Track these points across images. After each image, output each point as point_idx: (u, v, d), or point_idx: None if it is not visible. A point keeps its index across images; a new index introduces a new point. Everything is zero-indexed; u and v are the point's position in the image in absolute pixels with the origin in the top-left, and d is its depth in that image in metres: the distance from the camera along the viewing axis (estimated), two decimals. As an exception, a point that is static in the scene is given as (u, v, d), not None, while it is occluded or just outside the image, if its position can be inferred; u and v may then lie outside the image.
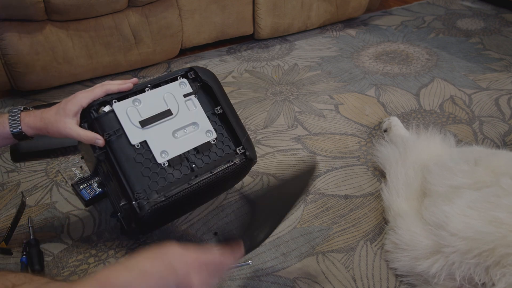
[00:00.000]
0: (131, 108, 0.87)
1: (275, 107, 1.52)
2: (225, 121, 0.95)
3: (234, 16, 1.88)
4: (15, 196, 1.16)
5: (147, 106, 0.89)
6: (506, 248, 0.76)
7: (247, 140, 0.94)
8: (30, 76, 1.54)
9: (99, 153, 0.83)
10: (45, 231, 1.05)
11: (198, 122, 0.92)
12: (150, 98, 0.90)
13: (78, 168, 1.24)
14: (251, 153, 0.94)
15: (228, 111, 0.95)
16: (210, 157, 0.90)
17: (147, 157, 0.85)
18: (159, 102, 0.90)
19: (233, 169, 0.92)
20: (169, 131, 0.89)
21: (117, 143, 0.84)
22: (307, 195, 1.13)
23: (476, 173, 0.93)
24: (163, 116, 0.89)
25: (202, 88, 0.96)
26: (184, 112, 0.91)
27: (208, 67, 1.81)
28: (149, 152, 0.85)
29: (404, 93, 1.58)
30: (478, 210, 0.82)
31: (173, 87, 0.93)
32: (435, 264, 0.83)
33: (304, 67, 1.79)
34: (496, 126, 1.38)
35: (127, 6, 1.61)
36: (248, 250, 0.75)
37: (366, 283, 0.91)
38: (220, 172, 0.90)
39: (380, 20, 2.21)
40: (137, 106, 0.88)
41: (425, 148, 1.12)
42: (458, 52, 1.86)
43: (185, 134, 0.90)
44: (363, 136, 1.36)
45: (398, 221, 0.96)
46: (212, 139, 0.91)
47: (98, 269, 0.95)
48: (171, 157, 0.86)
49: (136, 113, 0.87)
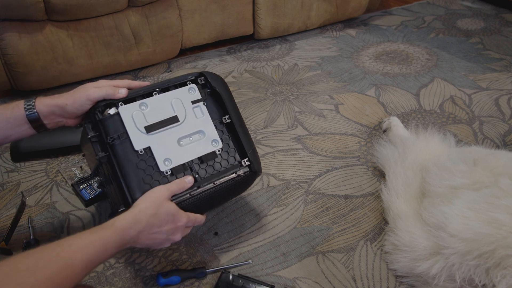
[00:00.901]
0: (137, 112, 0.84)
1: (275, 107, 1.52)
2: (232, 131, 0.92)
3: (234, 16, 1.88)
4: (15, 196, 1.17)
5: (154, 111, 0.86)
6: (507, 249, 0.76)
7: (253, 152, 0.91)
8: (30, 76, 1.54)
9: (102, 156, 0.81)
10: (45, 231, 1.05)
11: (204, 131, 0.89)
12: (158, 102, 0.87)
13: (78, 168, 1.24)
14: (257, 166, 0.92)
15: (236, 121, 0.92)
16: (214, 168, 0.88)
17: (150, 164, 0.82)
18: (166, 108, 0.87)
19: (236, 181, 0.90)
20: (175, 138, 0.86)
21: (120, 148, 0.82)
22: (307, 195, 1.14)
23: (475, 173, 0.93)
24: (169, 123, 0.86)
25: (211, 95, 0.93)
26: (191, 119, 0.89)
27: (208, 67, 1.81)
28: (152, 159, 0.83)
29: (404, 93, 1.58)
30: (477, 211, 0.82)
31: (182, 93, 0.90)
32: (434, 265, 0.83)
33: (304, 67, 1.79)
34: (496, 126, 1.38)
35: (127, 6, 1.61)
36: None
37: (366, 283, 0.91)
38: (223, 184, 0.88)
39: (380, 20, 2.21)
40: (144, 110, 0.85)
41: (424, 148, 1.12)
42: (458, 52, 1.86)
43: (191, 142, 0.87)
44: (363, 136, 1.36)
45: (397, 222, 0.96)
46: (218, 149, 0.89)
47: (98, 269, 0.95)
48: (174, 165, 0.84)
49: (142, 117, 0.85)
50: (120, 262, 0.97)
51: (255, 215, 1.08)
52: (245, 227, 1.05)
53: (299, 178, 1.20)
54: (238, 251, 0.99)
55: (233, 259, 0.97)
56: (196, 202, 0.85)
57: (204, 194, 0.86)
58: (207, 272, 0.93)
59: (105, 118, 0.83)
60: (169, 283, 0.90)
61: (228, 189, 0.90)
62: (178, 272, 0.91)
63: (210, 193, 0.87)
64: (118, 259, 0.97)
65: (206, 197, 0.86)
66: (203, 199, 0.86)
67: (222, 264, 0.96)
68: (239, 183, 0.92)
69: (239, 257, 0.98)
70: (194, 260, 0.97)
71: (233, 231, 1.04)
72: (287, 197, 1.13)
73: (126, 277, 0.94)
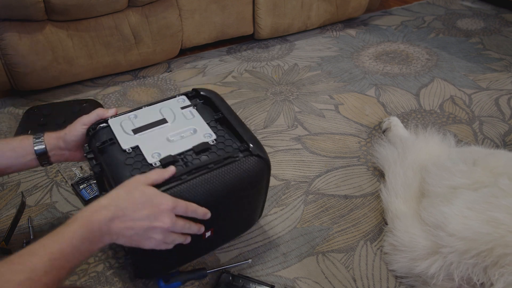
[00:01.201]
0: (126, 121, 0.88)
1: (275, 107, 1.52)
2: (226, 124, 0.88)
3: (234, 16, 1.88)
4: (15, 196, 1.17)
5: (142, 118, 0.89)
6: (504, 248, 0.76)
7: (251, 137, 0.85)
8: (30, 76, 1.54)
9: (94, 165, 0.83)
10: (45, 231, 1.05)
11: (196, 128, 0.86)
12: (146, 112, 0.90)
13: (78, 168, 1.24)
14: (258, 149, 0.83)
15: (229, 115, 0.89)
16: (209, 157, 0.80)
17: (138, 160, 0.81)
18: (154, 114, 0.89)
19: (237, 168, 0.80)
20: (164, 136, 0.85)
21: (109, 150, 0.83)
22: (307, 195, 1.14)
23: (474, 173, 0.93)
24: (157, 124, 0.87)
25: (204, 104, 0.93)
26: (180, 120, 0.88)
27: (208, 67, 1.81)
28: (141, 155, 0.81)
29: (404, 93, 1.58)
30: (477, 210, 0.83)
31: (171, 102, 0.92)
32: (433, 264, 0.84)
33: (304, 67, 1.79)
34: (496, 126, 1.38)
35: (127, 6, 1.60)
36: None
37: (366, 283, 0.91)
38: (221, 170, 0.78)
39: (380, 20, 2.21)
40: (132, 119, 0.89)
41: (424, 148, 1.12)
42: (458, 52, 1.86)
43: (181, 138, 0.84)
44: (363, 136, 1.37)
45: (396, 223, 0.96)
46: (211, 140, 0.84)
47: (98, 269, 0.95)
48: (163, 156, 0.80)
49: (131, 123, 0.87)
50: (120, 262, 0.97)
51: (255, 215, 1.08)
52: (245, 227, 1.05)
53: (299, 178, 1.20)
54: (238, 251, 0.99)
55: (233, 259, 0.97)
56: (190, 189, 0.75)
57: (198, 180, 0.76)
58: (208, 273, 0.93)
59: (97, 131, 0.87)
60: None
61: (230, 178, 0.79)
62: (179, 276, 0.90)
63: (207, 179, 0.77)
64: (118, 259, 0.97)
65: (202, 184, 0.77)
66: (198, 185, 0.76)
67: (222, 264, 0.96)
68: (244, 172, 0.81)
69: (239, 257, 0.98)
70: (194, 260, 0.97)
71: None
72: (287, 197, 1.13)
73: (126, 277, 0.94)
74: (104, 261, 0.97)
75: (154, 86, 1.69)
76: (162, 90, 1.66)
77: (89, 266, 0.96)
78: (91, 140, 0.86)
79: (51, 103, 1.56)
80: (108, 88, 1.67)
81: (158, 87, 1.68)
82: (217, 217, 0.80)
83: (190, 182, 0.76)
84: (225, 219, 0.88)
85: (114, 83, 1.70)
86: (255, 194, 0.90)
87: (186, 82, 1.71)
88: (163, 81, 1.72)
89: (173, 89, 1.66)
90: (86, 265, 0.96)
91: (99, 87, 1.68)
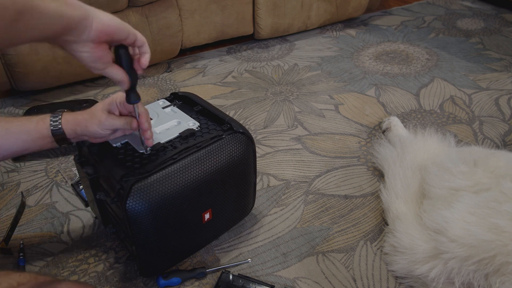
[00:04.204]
0: None
1: (275, 107, 1.52)
2: (207, 115, 0.96)
3: (234, 16, 1.88)
4: (15, 196, 1.17)
5: None
6: (506, 256, 0.75)
7: (231, 119, 0.92)
8: (30, 76, 1.54)
9: (87, 169, 0.86)
10: (45, 231, 1.05)
11: (179, 120, 0.93)
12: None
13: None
14: (238, 126, 0.91)
15: (209, 106, 0.97)
16: (196, 140, 0.87)
17: (128, 152, 0.85)
18: None
19: (225, 145, 0.87)
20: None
21: (100, 150, 0.87)
22: (307, 195, 1.14)
23: (475, 174, 0.92)
24: None
25: (183, 104, 1.01)
26: (164, 116, 0.95)
27: (208, 67, 1.81)
28: (131, 149, 0.86)
29: (404, 93, 1.58)
30: (478, 216, 0.81)
31: (151, 105, 0.99)
32: (433, 269, 0.83)
33: (304, 67, 1.79)
34: (496, 126, 1.38)
35: (127, 6, 1.60)
36: None
37: (366, 283, 0.91)
38: (208, 148, 0.85)
39: (380, 20, 2.21)
40: None
41: (422, 148, 1.12)
42: (458, 52, 1.86)
43: (167, 130, 0.90)
44: (363, 136, 1.36)
45: (397, 224, 0.95)
46: (196, 127, 0.91)
47: (98, 269, 0.95)
48: (152, 145, 0.86)
49: None
50: (120, 262, 0.97)
51: (255, 215, 1.08)
52: (245, 227, 1.05)
53: (299, 178, 1.20)
54: (238, 251, 0.99)
55: (233, 259, 0.97)
56: (182, 167, 0.81)
57: (189, 159, 0.82)
58: (207, 272, 0.93)
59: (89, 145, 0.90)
60: (169, 285, 0.90)
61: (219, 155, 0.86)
62: (178, 273, 0.91)
63: (197, 157, 0.83)
64: (118, 259, 0.97)
65: (193, 162, 0.82)
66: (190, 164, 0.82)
67: (222, 264, 0.96)
68: (230, 148, 0.88)
69: (239, 257, 0.98)
70: (194, 260, 0.97)
71: (233, 231, 1.04)
72: (287, 197, 1.13)
73: (126, 277, 0.94)
74: (104, 261, 0.97)
75: (154, 86, 1.69)
76: (162, 90, 1.66)
77: (89, 266, 0.96)
78: (80, 147, 0.90)
79: (51, 103, 1.56)
80: (108, 88, 1.67)
81: (158, 87, 1.68)
82: (212, 197, 0.88)
83: (182, 161, 0.82)
84: (221, 201, 0.92)
85: (114, 83, 1.69)
86: (245, 171, 0.95)
87: (186, 82, 1.71)
88: (163, 81, 1.72)
89: (173, 89, 1.66)
90: (86, 265, 0.96)
91: (99, 87, 1.68)
